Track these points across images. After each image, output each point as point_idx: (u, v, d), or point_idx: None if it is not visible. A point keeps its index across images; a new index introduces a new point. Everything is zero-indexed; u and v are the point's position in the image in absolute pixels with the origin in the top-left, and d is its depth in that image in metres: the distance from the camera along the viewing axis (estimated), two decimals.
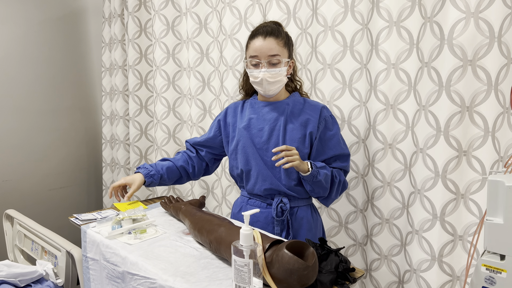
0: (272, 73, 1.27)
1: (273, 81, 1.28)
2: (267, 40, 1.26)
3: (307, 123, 1.33)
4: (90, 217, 1.49)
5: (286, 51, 1.30)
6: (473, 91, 1.29)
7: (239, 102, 1.46)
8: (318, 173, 1.25)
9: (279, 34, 1.28)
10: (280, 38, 1.28)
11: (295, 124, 1.33)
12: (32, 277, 1.49)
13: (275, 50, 1.26)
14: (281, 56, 1.27)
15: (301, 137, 1.32)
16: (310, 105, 1.36)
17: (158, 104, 2.20)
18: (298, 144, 1.31)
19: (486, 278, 0.90)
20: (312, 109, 1.35)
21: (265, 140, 1.34)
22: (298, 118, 1.33)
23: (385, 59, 1.48)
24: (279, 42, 1.27)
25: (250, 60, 1.30)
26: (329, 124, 1.35)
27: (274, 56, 1.26)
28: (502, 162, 1.30)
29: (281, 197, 1.34)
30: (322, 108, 1.35)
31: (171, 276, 1.03)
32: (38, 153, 2.44)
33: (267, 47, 1.26)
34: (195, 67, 2.07)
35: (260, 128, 1.35)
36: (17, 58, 2.30)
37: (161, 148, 2.23)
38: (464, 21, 1.25)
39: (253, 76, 1.30)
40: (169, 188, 2.28)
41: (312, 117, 1.33)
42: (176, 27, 2.16)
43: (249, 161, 1.36)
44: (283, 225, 1.34)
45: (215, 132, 1.47)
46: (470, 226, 1.35)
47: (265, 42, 1.26)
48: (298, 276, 0.88)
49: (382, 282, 1.60)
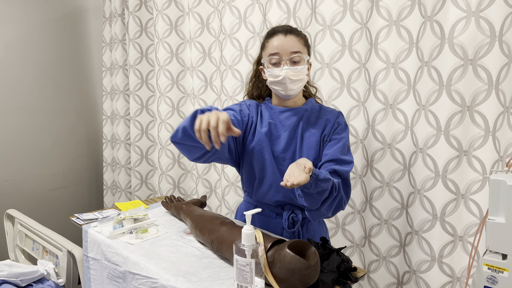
0: (294, 71, 1.20)
1: (296, 79, 1.21)
2: (288, 37, 1.21)
3: (325, 127, 1.27)
4: (91, 216, 1.49)
5: (306, 50, 1.25)
6: (474, 91, 1.29)
7: (257, 103, 1.35)
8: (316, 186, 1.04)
9: (299, 33, 1.24)
10: (300, 36, 1.24)
11: (311, 130, 1.27)
12: (33, 276, 1.49)
13: (297, 47, 1.21)
14: (303, 53, 1.22)
15: (317, 143, 1.26)
16: (326, 111, 1.31)
17: (162, 103, 2.20)
18: (315, 150, 1.25)
19: (488, 277, 0.90)
20: (329, 114, 1.29)
21: (282, 148, 1.26)
22: (315, 124, 1.28)
23: (384, 58, 1.48)
24: (300, 40, 1.23)
25: (270, 59, 1.22)
26: (340, 129, 1.28)
27: (296, 53, 1.20)
28: (502, 162, 1.30)
29: (292, 208, 1.28)
30: (338, 113, 1.31)
31: (172, 276, 1.03)
32: (39, 153, 2.44)
33: (289, 44, 1.20)
34: (197, 66, 2.08)
35: (278, 135, 1.28)
36: (18, 58, 2.30)
37: (166, 147, 2.23)
38: (464, 20, 1.25)
39: (273, 75, 1.22)
40: (174, 186, 2.28)
41: (329, 121, 1.27)
42: (179, 26, 2.16)
43: (265, 168, 1.27)
44: (294, 237, 1.28)
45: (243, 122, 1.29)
46: (471, 227, 1.35)
47: (286, 39, 1.20)
48: (300, 275, 0.88)
49: (381, 284, 1.60)
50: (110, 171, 2.60)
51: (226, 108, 1.31)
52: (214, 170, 2.13)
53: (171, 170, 2.26)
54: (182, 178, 2.29)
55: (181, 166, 2.28)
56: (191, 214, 1.32)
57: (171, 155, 2.24)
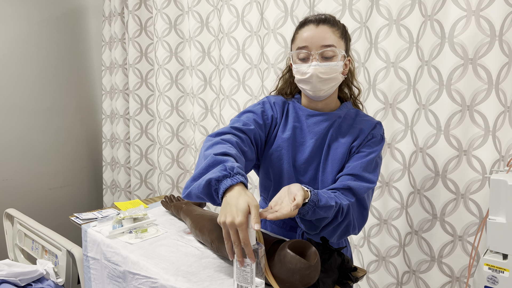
0: (325, 68, 1.02)
1: (326, 78, 1.03)
2: (320, 27, 1.02)
3: (356, 137, 1.09)
4: (90, 216, 1.49)
5: (343, 43, 1.05)
6: (474, 90, 1.28)
7: (284, 101, 1.18)
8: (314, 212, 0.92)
9: (334, 23, 1.05)
10: (336, 27, 1.04)
11: (340, 140, 1.09)
12: (32, 276, 1.48)
13: (330, 39, 1.01)
14: (337, 47, 1.03)
15: (344, 154, 1.09)
16: (362, 119, 1.12)
17: (161, 103, 2.20)
18: (340, 164, 1.09)
19: (489, 277, 0.90)
20: (364, 124, 1.11)
21: (306, 158, 1.11)
22: (346, 133, 1.10)
23: (384, 57, 1.48)
24: (334, 32, 1.03)
25: (297, 53, 1.05)
26: (373, 142, 1.09)
27: (328, 46, 1.01)
28: (503, 162, 1.30)
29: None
30: (376, 123, 1.12)
31: (172, 276, 1.03)
32: (39, 152, 2.43)
33: (320, 36, 1.01)
34: (197, 66, 2.07)
35: (302, 141, 1.12)
36: (17, 57, 2.29)
37: (165, 147, 2.23)
38: (465, 19, 1.25)
39: (300, 72, 1.05)
40: (173, 186, 2.28)
41: (362, 132, 1.09)
42: (179, 25, 2.15)
43: (282, 178, 1.13)
44: None
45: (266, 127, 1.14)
46: (470, 226, 1.35)
47: (317, 30, 1.02)
48: (300, 275, 0.88)
49: (380, 284, 1.60)
50: (110, 170, 2.60)
51: (247, 110, 1.15)
52: None
53: (170, 169, 2.25)
54: (181, 178, 2.29)
55: (180, 165, 2.27)
56: (191, 214, 1.31)
57: (169, 155, 2.24)
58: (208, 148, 0.96)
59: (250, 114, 1.13)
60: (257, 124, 1.11)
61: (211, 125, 2.10)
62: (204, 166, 0.90)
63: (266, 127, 1.14)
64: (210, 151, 0.93)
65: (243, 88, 1.89)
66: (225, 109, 1.93)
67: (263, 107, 1.15)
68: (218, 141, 0.98)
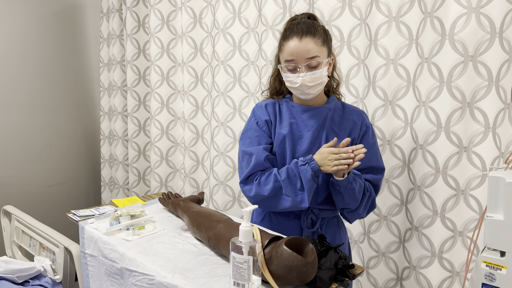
0: (312, 77, 1.13)
1: (314, 85, 1.15)
2: (303, 41, 1.12)
3: (353, 129, 1.23)
4: (88, 213, 1.48)
5: (325, 49, 1.15)
6: (474, 87, 1.28)
7: (273, 101, 1.29)
8: (354, 180, 1.14)
9: (316, 32, 1.13)
10: (317, 36, 1.13)
11: (335, 131, 1.22)
12: (30, 273, 1.48)
13: (313, 51, 1.12)
14: (321, 56, 1.13)
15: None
16: (350, 110, 1.26)
17: (152, 100, 2.19)
18: None
19: (486, 274, 0.89)
20: (354, 115, 1.25)
21: (305, 150, 1.21)
22: (339, 125, 1.23)
23: (384, 54, 1.47)
24: (317, 41, 1.13)
25: (286, 65, 1.16)
26: (370, 133, 1.25)
27: (313, 58, 1.12)
28: (503, 158, 1.30)
29: (310, 207, 1.24)
30: (363, 113, 1.27)
31: (169, 273, 1.02)
32: (36, 149, 2.42)
33: (305, 49, 1.11)
34: (188, 62, 2.06)
35: (300, 135, 1.22)
36: (15, 54, 2.28)
37: (154, 144, 2.22)
38: (465, 16, 1.24)
39: (290, 81, 1.17)
40: (161, 184, 2.27)
41: (355, 124, 1.23)
42: (171, 21, 2.14)
43: None
44: (314, 237, 1.24)
45: (269, 134, 1.26)
46: (470, 222, 1.35)
47: (301, 44, 1.12)
48: (297, 272, 0.87)
49: (380, 280, 1.60)
50: (108, 167, 2.59)
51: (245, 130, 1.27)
52: (201, 169, 2.12)
53: (159, 167, 2.25)
54: (170, 177, 2.28)
55: (170, 164, 2.26)
56: (188, 211, 1.31)
57: (159, 153, 2.23)
58: (263, 186, 1.17)
59: (252, 132, 1.25)
60: (263, 137, 1.24)
61: (201, 123, 2.09)
62: (286, 184, 1.15)
63: (268, 131, 1.26)
64: (269, 186, 1.16)
65: (239, 85, 1.87)
66: (219, 106, 1.92)
67: (257, 121, 1.26)
68: (258, 181, 1.19)
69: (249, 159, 1.21)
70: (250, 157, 1.21)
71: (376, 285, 1.61)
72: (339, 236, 1.30)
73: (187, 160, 2.14)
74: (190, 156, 2.13)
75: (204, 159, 2.10)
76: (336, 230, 1.29)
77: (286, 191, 1.15)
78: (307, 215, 1.24)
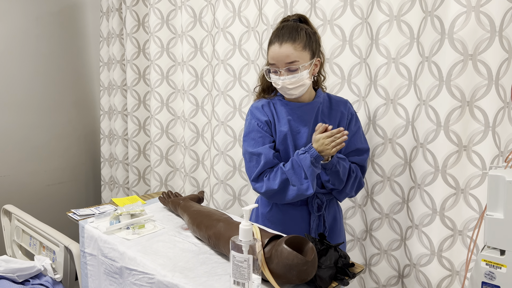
0: (292, 80, 1.20)
1: (294, 86, 1.22)
2: (283, 46, 1.19)
3: (341, 119, 1.33)
4: (88, 212, 1.48)
5: (307, 53, 1.21)
6: (474, 86, 1.28)
7: (267, 100, 1.35)
8: (338, 163, 1.25)
9: (296, 37, 1.20)
10: (298, 41, 1.20)
11: (326, 122, 1.31)
12: (30, 272, 1.48)
13: (292, 56, 1.19)
14: (300, 61, 1.20)
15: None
16: (336, 101, 1.35)
17: (152, 99, 2.19)
18: None
19: (486, 273, 0.89)
20: (341, 105, 1.34)
21: (305, 143, 1.29)
22: (329, 116, 1.33)
23: (385, 53, 1.47)
24: (296, 47, 1.19)
25: (270, 68, 1.24)
26: (354, 120, 1.36)
27: (291, 63, 1.19)
28: (502, 157, 1.30)
29: (316, 193, 1.33)
30: (348, 103, 1.37)
31: (169, 272, 1.03)
32: (36, 149, 2.42)
33: (283, 55, 1.19)
34: (188, 61, 2.06)
35: (298, 130, 1.30)
36: (14, 53, 2.28)
37: (154, 143, 2.22)
38: (465, 15, 1.24)
39: (274, 83, 1.25)
40: (161, 184, 2.27)
41: (343, 114, 1.33)
42: (171, 21, 2.14)
43: None
44: (319, 220, 1.35)
45: (270, 133, 1.32)
46: (470, 221, 1.35)
47: (281, 50, 1.19)
48: (297, 271, 0.87)
49: (382, 277, 1.60)
50: (108, 166, 2.59)
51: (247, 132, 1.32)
52: (202, 168, 2.12)
53: (158, 167, 2.25)
54: (170, 176, 2.28)
55: (169, 163, 2.26)
56: (188, 210, 1.31)
57: (158, 152, 2.23)
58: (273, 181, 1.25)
59: (255, 134, 1.30)
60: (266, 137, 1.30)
61: (201, 122, 2.09)
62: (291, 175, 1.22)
63: (269, 131, 1.31)
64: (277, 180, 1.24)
65: (239, 84, 1.87)
66: (220, 105, 1.92)
67: (255, 120, 1.31)
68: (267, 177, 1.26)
69: (258, 159, 1.27)
70: (258, 157, 1.27)
71: (378, 282, 1.61)
72: (339, 215, 1.44)
73: (187, 159, 2.14)
74: (190, 155, 2.13)
75: (204, 158, 2.10)
76: (336, 210, 1.42)
77: (292, 181, 1.22)
78: (313, 200, 1.33)
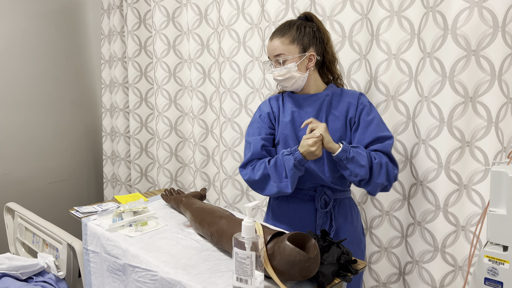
0: (280, 72, 1.28)
1: (283, 78, 1.28)
2: (273, 41, 1.29)
3: (348, 110, 1.32)
4: (90, 209, 1.48)
5: (295, 46, 1.27)
6: (477, 82, 1.27)
7: (278, 94, 1.43)
8: (350, 149, 1.21)
9: (285, 32, 1.28)
10: (286, 35, 1.27)
11: (335, 114, 1.32)
12: (33, 269, 1.49)
13: (278, 49, 1.27)
14: (287, 53, 1.27)
15: (342, 126, 1.31)
16: (347, 93, 1.35)
17: (159, 96, 2.19)
18: (341, 133, 1.30)
19: (489, 269, 0.89)
20: (351, 96, 1.33)
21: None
22: (337, 108, 1.33)
23: (386, 49, 1.46)
24: (284, 41, 1.27)
25: (267, 62, 1.34)
26: (367, 110, 1.31)
27: (278, 56, 1.28)
28: (505, 153, 1.29)
29: (324, 189, 1.32)
30: (360, 94, 1.34)
31: (172, 269, 1.03)
32: (39, 146, 2.43)
33: (271, 48, 1.29)
34: (195, 58, 2.06)
35: (301, 121, 1.32)
36: (16, 52, 2.28)
37: (163, 140, 2.22)
38: (467, 10, 1.23)
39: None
40: (171, 180, 2.28)
41: (351, 104, 1.32)
42: (177, 18, 2.14)
43: None
44: (326, 217, 1.32)
45: (269, 125, 1.39)
46: (473, 217, 1.35)
47: (270, 43, 1.29)
48: (300, 268, 0.87)
49: (382, 275, 1.60)
50: (110, 164, 2.60)
51: (251, 122, 1.41)
52: (212, 163, 2.12)
53: (168, 163, 2.25)
54: (179, 172, 2.28)
55: (179, 159, 2.27)
56: (190, 207, 1.31)
57: (168, 148, 2.23)
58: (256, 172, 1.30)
59: (255, 124, 1.39)
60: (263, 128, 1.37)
61: (210, 119, 2.09)
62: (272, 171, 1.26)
63: (269, 122, 1.38)
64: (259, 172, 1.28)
65: (244, 80, 1.87)
66: (226, 102, 1.92)
67: (260, 113, 1.40)
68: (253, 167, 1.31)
69: (249, 148, 1.35)
70: (249, 145, 1.35)
71: (379, 280, 1.61)
72: (351, 216, 1.37)
73: (197, 155, 2.14)
74: (200, 151, 2.13)
75: (214, 154, 2.11)
76: (348, 210, 1.36)
77: (272, 177, 1.26)
78: (320, 196, 1.32)
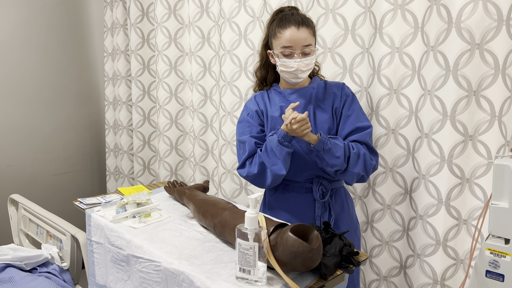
0: (305, 63, 1.28)
1: (306, 70, 1.29)
2: (301, 30, 1.26)
3: (334, 101, 1.36)
4: (94, 201, 1.49)
5: (315, 39, 1.32)
6: (480, 75, 1.27)
7: (262, 91, 1.44)
8: (328, 140, 1.24)
9: (309, 23, 1.30)
10: (311, 27, 1.30)
11: (322, 106, 1.36)
12: (37, 260, 1.50)
13: (308, 39, 1.27)
14: (312, 45, 1.29)
15: (330, 117, 1.35)
16: (331, 85, 1.39)
17: (160, 89, 2.19)
18: (329, 124, 1.34)
19: (490, 262, 0.90)
20: (334, 88, 1.38)
21: None
22: (323, 100, 1.36)
23: (389, 43, 1.46)
24: (310, 31, 1.29)
25: (283, 51, 1.28)
26: (349, 101, 1.36)
27: (308, 46, 1.27)
28: (508, 147, 1.29)
29: (321, 181, 1.35)
30: (342, 85, 1.39)
31: (176, 259, 1.04)
32: (42, 139, 2.44)
33: (302, 37, 1.26)
34: (196, 52, 2.05)
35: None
36: (18, 44, 2.28)
37: (163, 134, 2.23)
38: (472, 3, 1.23)
39: (286, 66, 1.29)
40: (171, 173, 2.29)
41: (336, 95, 1.36)
42: (178, 11, 2.13)
43: None
44: (324, 208, 1.36)
45: (259, 122, 1.40)
46: (475, 210, 1.35)
47: (299, 32, 1.26)
48: (302, 259, 0.88)
49: (383, 268, 1.61)
50: (113, 156, 2.61)
51: (239, 121, 1.43)
52: (211, 157, 2.13)
53: (168, 156, 2.26)
54: (180, 165, 2.29)
55: (179, 153, 2.27)
56: (194, 199, 1.32)
57: (168, 142, 2.24)
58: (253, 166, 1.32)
59: (244, 123, 1.40)
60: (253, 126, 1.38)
61: (210, 112, 2.09)
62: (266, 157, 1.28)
63: (258, 119, 1.39)
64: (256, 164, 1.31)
65: (245, 74, 1.87)
66: (226, 96, 1.92)
67: (247, 110, 1.42)
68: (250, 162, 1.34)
69: (244, 147, 1.36)
70: (244, 145, 1.37)
71: (379, 274, 1.62)
72: (347, 204, 1.42)
73: (197, 149, 2.15)
74: (199, 145, 2.14)
75: (213, 148, 2.11)
76: (344, 199, 1.42)
77: (266, 162, 1.28)
78: (318, 187, 1.35)
